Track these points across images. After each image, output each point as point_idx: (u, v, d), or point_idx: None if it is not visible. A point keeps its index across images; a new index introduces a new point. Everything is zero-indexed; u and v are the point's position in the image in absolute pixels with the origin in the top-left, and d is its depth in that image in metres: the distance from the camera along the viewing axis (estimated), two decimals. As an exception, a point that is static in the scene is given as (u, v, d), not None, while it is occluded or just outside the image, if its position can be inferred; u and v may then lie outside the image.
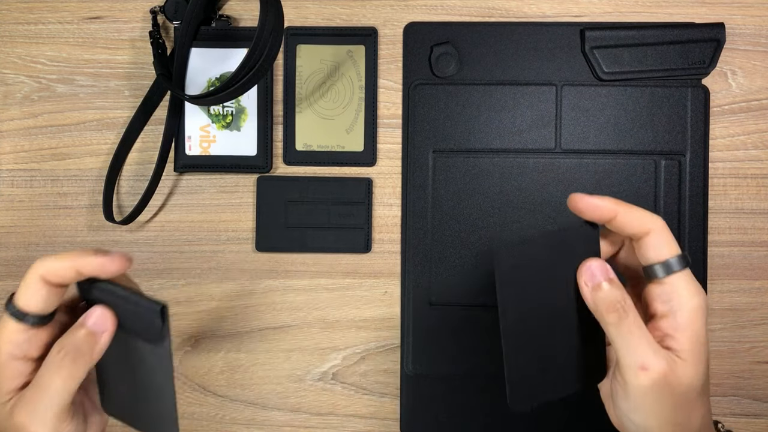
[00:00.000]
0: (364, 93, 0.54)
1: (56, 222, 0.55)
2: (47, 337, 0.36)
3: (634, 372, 0.35)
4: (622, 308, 0.35)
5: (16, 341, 0.35)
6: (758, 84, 0.54)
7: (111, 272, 0.36)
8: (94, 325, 0.36)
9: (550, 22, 0.54)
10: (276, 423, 0.54)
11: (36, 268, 0.35)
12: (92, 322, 0.36)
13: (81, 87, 0.55)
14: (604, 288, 0.36)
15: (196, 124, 0.54)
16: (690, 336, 0.35)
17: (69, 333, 0.36)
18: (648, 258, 0.36)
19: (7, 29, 0.55)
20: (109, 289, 0.37)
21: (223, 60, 0.54)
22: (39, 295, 0.35)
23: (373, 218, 0.54)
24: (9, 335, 0.35)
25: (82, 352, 0.35)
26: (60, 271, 0.35)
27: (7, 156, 0.55)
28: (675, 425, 0.35)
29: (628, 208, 0.36)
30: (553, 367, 0.38)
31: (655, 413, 0.35)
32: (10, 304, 0.36)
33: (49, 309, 0.36)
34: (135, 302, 0.37)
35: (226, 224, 0.55)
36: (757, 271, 0.54)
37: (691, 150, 0.53)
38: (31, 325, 0.35)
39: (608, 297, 0.36)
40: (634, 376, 0.35)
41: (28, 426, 0.34)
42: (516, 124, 0.53)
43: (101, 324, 0.36)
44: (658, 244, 0.36)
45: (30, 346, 0.36)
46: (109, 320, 0.36)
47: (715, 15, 0.54)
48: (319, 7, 0.54)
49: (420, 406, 0.53)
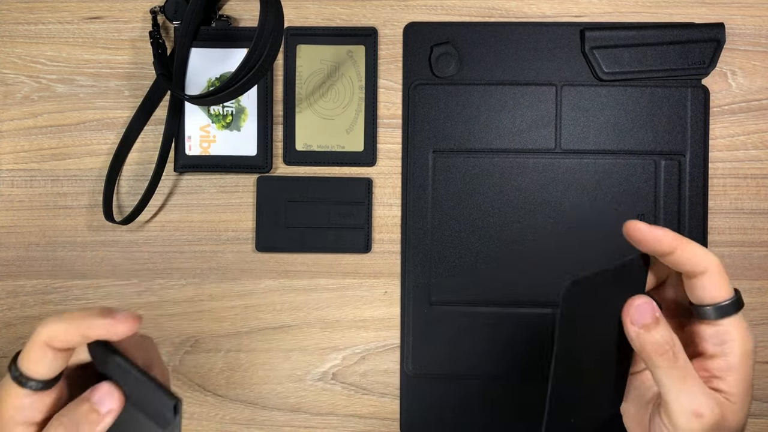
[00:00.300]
0: (364, 93, 0.54)
1: (56, 222, 0.55)
2: (53, 400, 0.35)
3: (686, 417, 0.34)
4: (671, 352, 0.34)
5: (19, 406, 0.33)
6: (758, 84, 0.54)
7: (120, 334, 0.33)
8: (98, 402, 0.34)
9: (550, 22, 0.54)
10: (276, 423, 0.54)
11: (40, 333, 0.33)
12: (97, 399, 0.34)
13: (81, 87, 0.55)
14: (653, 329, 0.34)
15: (196, 124, 0.54)
16: (740, 379, 0.35)
17: (72, 406, 0.34)
18: (701, 299, 0.35)
19: (7, 29, 0.55)
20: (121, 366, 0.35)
21: (223, 60, 0.54)
22: (43, 361, 0.33)
23: (373, 218, 0.54)
24: (12, 400, 0.33)
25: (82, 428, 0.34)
26: (64, 335, 0.33)
27: (7, 156, 0.55)
28: None
29: (687, 244, 0.34)
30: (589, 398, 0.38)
31: None
32: (14, 367, 0.34)
33: (53, 374, 0.34)
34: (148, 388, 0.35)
35: (226, 224, 0.55)
36: (757, 271, 0.54)
37: (691, 150, 0.53)
38: (34, 390, 0.33)
39: (657, 339, 0.34)
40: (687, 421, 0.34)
41: None
42: (516, 124, 0.53)
43: (107, 403, 0.34)
44: (713, 285, 0.34)
45: (33, 411, 0.34)
46: (116, 400, 0.35)
47: (715, 15, 0.54)
48: (319, 7, 0.54)
49: (420, 406, 0.53)
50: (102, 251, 0.55)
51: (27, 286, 0.55)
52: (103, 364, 0.35)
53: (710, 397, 0.34)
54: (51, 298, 0.54)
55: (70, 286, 0.54)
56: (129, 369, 0.35)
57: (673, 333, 0.34)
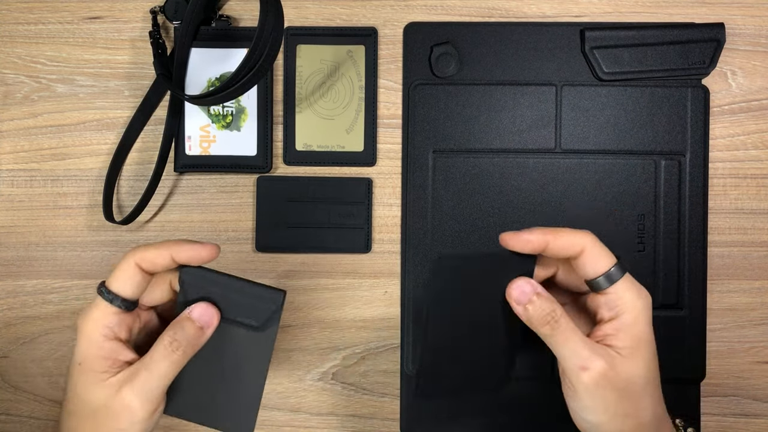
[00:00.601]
0: (364, 93, 0.54)
1: (56, 222, 0.55)
2: (131, 323, 0.40)
3: (576, 374, 0.37)
4: (553, 319, 0.38)
5: (109, 323, 0.39)
6: (758, 84, 0.54)
7: (204, 259, 0.40)
8: (200, 319, 0.40)
9: (550, 22, 0.54)
10: (276, 423, 0.54)
11: (132, 255, 0.39)
12: (198, 316, 0.40)
13: (81, 87, 0.55)
14: (535, 302, 0.39)
15: (196, 124, 0.54)
16: (631, 334, 0.38)
17: (178, 326, 0.39)
18: (588, 274, 0.39)
19: (7, 29, 0.55)
20: (213, 279, 0.40)
21: (223, 60, 0.54)
22: (133, 281, 0.39)
23: (373, 218, 0.54)
24: (103, 318, 0.39)
25: (190, 344, 0.39)
26: (155, 258, 0.39)
27: (7, 156, 0.55)
28: (624, 417, 0.38)
29: (556, 235, 0.39)
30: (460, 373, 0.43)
31: (603, 408, 0.38)
32: (104, 289, 0.39)
33: (137, 295, 0.40)
34: (248, 291, 0.41)
35: (226, 224, 0.55)
36: (757, 271, 0.54)
37: (691, 150, 0.53)
38: (122, 308, 0.39)
39: (540, 312, 0.38)
40: (577, 377, 0.37)
41: (134, 403, 0.38)
42: (516, 124, 0.53)
43: (208, 319, 0.40)
44: (593, 259, 0.39)
45: (120, 329, 0.39)
46: (215, 316, 0.40)
47: (715, 15, 0.54)
48: (319, 7, 0.54)
49: (420, 406, 0.53)
50: (102, 251, 0.55)
51: (27, 286, 0.55)
52: (196, 288, 0.41)
53: (594, 352, 0.37)
54: (51, 298, 0.54)
55: (70, 286, 0.54)
56: (218, 278, 0.40)
57: (554, 303, 0.38)
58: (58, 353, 0.54)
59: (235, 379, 0.43)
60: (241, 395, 0.43)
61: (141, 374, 0.38)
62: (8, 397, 0.54)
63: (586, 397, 0.38)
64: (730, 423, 0.54)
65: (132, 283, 0.39)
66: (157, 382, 0.38)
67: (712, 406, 0.54)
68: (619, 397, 0.37)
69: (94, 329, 0.39)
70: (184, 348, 0.39)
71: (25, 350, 0.54)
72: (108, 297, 0.39)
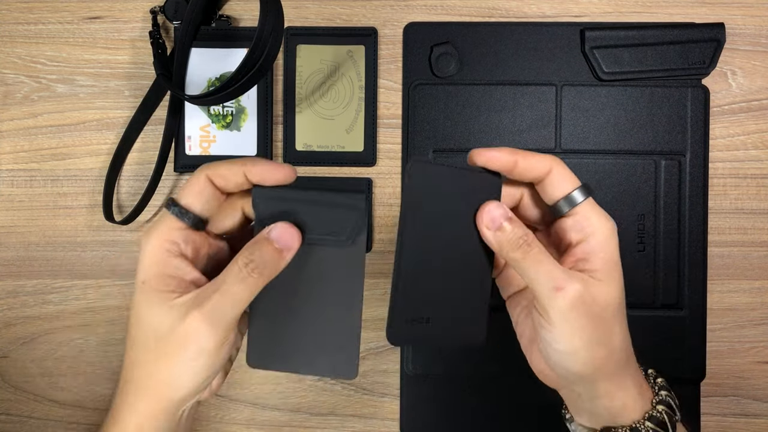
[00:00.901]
0: (364, 93, 0.54)
1: (56, 222, 0.55)
2: (199, 244, 0.37)
3: (551, 295, 0.35)
4: (525, 243, 0.36)
5: (176, 239, 0.35)
6: (758, 84, 0.54)
7: (279, 179, 0.36)
8: (280, 240, 0.36)
9: (550, 22, 0.54)
10: (276, 423, 0.54)
11: (204, 169, 0.36)
12: (277, 237, 0.36)
13: (81, 87, 0.55)
14: (506, 228, 0.36)
15: (196, 124, 0.54)
16: (603, 257, 0.36)
17: (255, 246, 0.35)
18: (553, 196, 0.37)
19: (7, 29, 0.55)
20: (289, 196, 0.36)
21: (223, 60, 0.54)
22: (203, 195, 0.36)
23: (373, 218, 0.54)
24: (169, 232, 0.35)
25: (268, 267, 0.35)
26: (228, 172, 0.36)
27: (7, 156, 0.55)
28: (598, 344, 0.36)
29: (525, 155, 0.37)
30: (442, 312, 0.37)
31: (578, 333, 0.35)
32: (173, 204, 0.36)
33: (208, 212, 0.36)
34: (325, 202, 0.36)
35: (226, 224, 0.54)
36: (757, 271, 0.54)
37: (691, 150, 0.53)
38: (190, 224, 0.36)
39: (511, 237, 0.36)
40: (552, 299, 0.35)
41: (203, 329, 0.34)
42: (516, 124, 0.53)
43: (288, 240, 0.36)
44: (560, 180, 0.37)
45: (187, 247, 0.36)
46: (296, 237, 0.36)
47: (715, 15, 0.54)
48: (319, 7, 0.54)
49: (420, 406, 0.53)
50: (102, 251, 0.55)
51: (27, 286, 0.55)
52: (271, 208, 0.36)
53: (568, 273, 0.35)
54: (51, 298, 0.54)
55: (70, 286, 0.54)
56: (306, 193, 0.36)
57: (525, 228, 0.36)
58: (58, 353, 0.54)
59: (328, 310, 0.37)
60: (338, 329, 0.37)
61: (212, 298, 0.34)
62: (8, 397, 0.54)
63: (561, 321, 0.35)
64: (730, 423, 0.54)
65: (203, 198, 0.36)
66: (230, 306, 0.34)
67: (712, 406, 0.54)
68: (593, 322, 0.35)
69: (159, 244, 0.35)
70: (261, 270, 0.35)
71: (25, 350, 0.54)
72: (176, 211, 0.35)
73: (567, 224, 0.37)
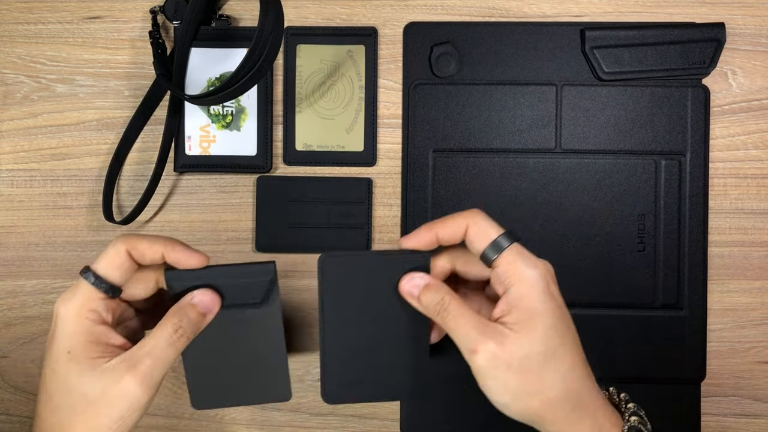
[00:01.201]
0: (364, 93, 0.54)
1: (56, 222, 0.55)
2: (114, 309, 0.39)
3: (469, 357, 0.37)
4: (443, 307, 0.38)
5: (96, 307, 0.38)
6: (758, 84, 0.54)
7: (193, 264, 0.39)
8: (201, 304, 0.40)
9: (550, 22, 0.54)
10: (276, 423, 0.54)
11: (123, 241, 0.38)
12: (199, 301, 0.40)
13: (81, 87, 0.55)
14: (425, 293, 0.39)
15: (196, 124, 0.54)
16: (523, 307, 0.37)
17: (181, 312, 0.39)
18: (476, 249, 0.38)
19: (7, 29, 0.55)
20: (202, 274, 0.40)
21: (223, 60, 0.54)
22: (121, 267, 0.38)
23: (373, 218, 0.54)
24: (89, 302, 0.38)
25: (193, 331, 0.39)
26: (146, 250, 0.38)
27: (6, 156, 0.55)
28: (527, 395, 0.37)
29: (443, 223, 0.39)
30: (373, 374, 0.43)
31: (502, 388, 0.37)
32: (90, 274, 0.38)
33: (122, 282, 0.39)
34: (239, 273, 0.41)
35: (226, 224, 0.55)
36: (757, 271, 0.54)
37: (692, 150, 0.53)
38: (106, 293, 0.38)
39: (431, 302, 0.39)
40: (471, 360, 0.37)
41: (138, 390, 0.37)
42: (516, 124, 0.53)
43: (209, 304, 0.40)
44: (478, 233, 0.38)
45: (108, 314, 0.39)
46: (217, 301, 0.40)
47: (715, 15, 0.54)
48: (319, 7, 0.54)
49: (420, 406, 0.53)
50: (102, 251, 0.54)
51: (27, 286, 0.55)
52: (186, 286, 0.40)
53: (483, 334, 0.37)
54: (51, 298, 0.54)
55: (70, 286, 0.54)
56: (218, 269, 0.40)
57: (442, 292, 0.38)
58: (58, 353, 0.54)
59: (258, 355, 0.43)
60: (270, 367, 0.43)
61: (145, 361, 0.37)
62: (8, 397, 0.54)
63: (484, 379, 0.37)
64: (730, 423, 0.54)
65: (120, 270, 0.38)
66: (161, 368, 0.38)
67: (712, 406, 0.54)
68: (518, 375, 0.36)
69: (82, 313, 0.38)
70: (188, 335, 0.38)
71: (25, 350, 0.54)
72: (94, 281, 0.38)
73: (494, 275, 0.38)
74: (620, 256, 0.53)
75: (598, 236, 0.53)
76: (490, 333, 0.37)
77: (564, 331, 0.37)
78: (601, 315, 0.53)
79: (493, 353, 0.36)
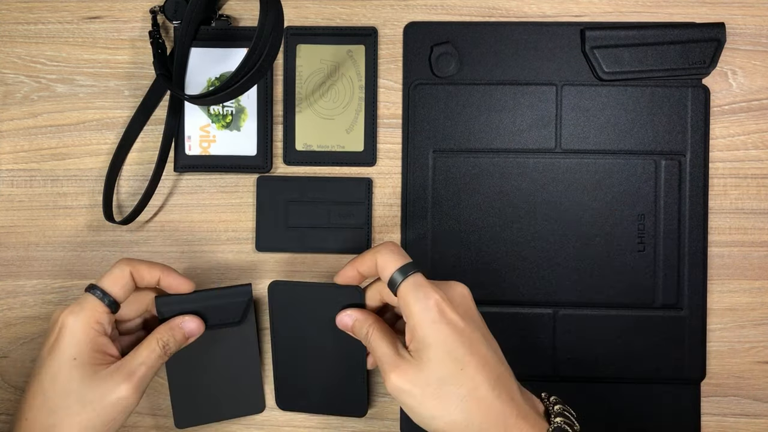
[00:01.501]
0: (364, 93, 0.54)
1: (56, 222, 0.55)
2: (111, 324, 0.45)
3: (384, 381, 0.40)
4: (367, 335, 0.43)
5: (101, 320, 0.43)
6: (758, 84, 0.54)
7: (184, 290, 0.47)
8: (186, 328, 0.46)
9: (550, 22, 0.54)
10: (276, 423, 0.54)
11: (127, 263, 0.45)
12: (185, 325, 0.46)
13: (81, 87, 0.55)
14: (355, 326, 0.44)
15: (196, 124, 0.54)
16: (417, 338, 0.40)
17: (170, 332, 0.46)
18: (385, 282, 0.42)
19: (7, 29, 0.55)
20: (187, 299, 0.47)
21: (223, 60, 0.54)
22: (124, 286, 0.44)
23: (373, 218, 0.54)
24: (95, 315, 0.43)
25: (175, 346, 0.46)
26: (146, 274, 0.45)
27: (6, 156, 0.55)
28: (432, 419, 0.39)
29: (361, 259, 0.44)
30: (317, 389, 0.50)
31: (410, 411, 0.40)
32: (97, 288, 0.44)
33: (122, 299, 0.45)
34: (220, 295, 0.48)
35: (226, 224, 0.55)
36: (757, 271, 0.54)
37: (692, 150, 0.53)
38: (109, 307, 0.44)
39: (360, 331, 0.44)
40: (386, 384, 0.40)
41: (132, 396, 0.42)
42: (516, 124, 0.53)
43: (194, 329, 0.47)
44: (384, 266, 0.42)
45: (108, 327, 0.44)
46: (201, 326, 0.47)
47: (715, 15, 0.54)
48: (319, 7, 0.54)
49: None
50: (102, 251, 0.55)
51: (27, 286, 0.55)
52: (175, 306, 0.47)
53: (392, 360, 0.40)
54: (51, 298, 0.54)
55: (70, 286, 0.55)
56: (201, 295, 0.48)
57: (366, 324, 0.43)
58: (58, 353, 0.54)
59: (235, 371, 0.50)
60: (245, 381, 0.50)
61: (139, 370, 0.43)
62: (8, 397, 0.54)
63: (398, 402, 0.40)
64: (730, 423, 0.54)
65: (123, 288, 0.44)
66: (151, 376, 0.44)
67: (712, 406, 0.54)
68: (421, 400, 0.39)
69: (90, 324, 0.43)
70: (173, 350, 0.46)
71: (25, 350, 0.54)
72: (101, 296, 0.44)
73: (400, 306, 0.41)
74: (620, 256, 0.53)
75: (598, 236, 0.53)
76: (396, 363, 0.40)
77: (462, 355, 0.39)
78: (601, 315, 0.53)
79: (394, 384, 0.39)
